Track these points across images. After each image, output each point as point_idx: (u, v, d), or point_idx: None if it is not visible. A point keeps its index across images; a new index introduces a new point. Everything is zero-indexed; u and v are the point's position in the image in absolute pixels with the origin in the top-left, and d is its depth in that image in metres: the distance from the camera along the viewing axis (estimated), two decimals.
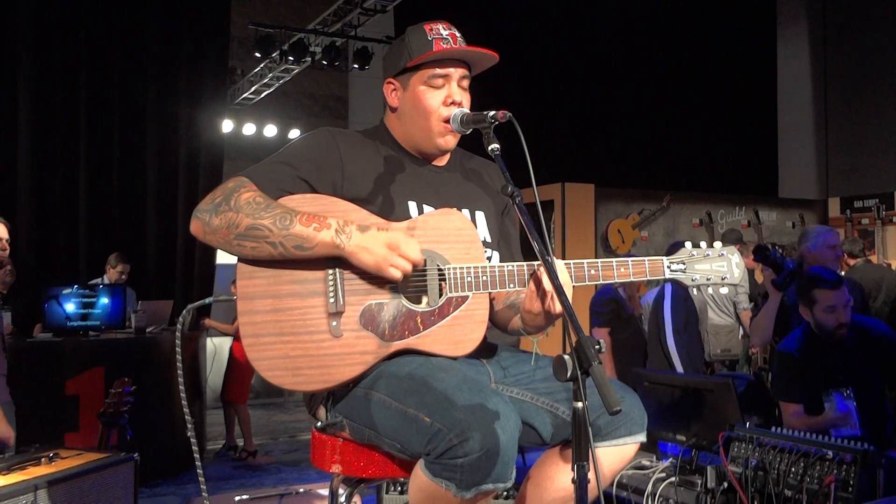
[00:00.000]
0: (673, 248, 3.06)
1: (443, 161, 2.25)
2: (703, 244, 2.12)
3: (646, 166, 11.30)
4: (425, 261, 1.98)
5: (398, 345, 1.97)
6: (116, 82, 8.19)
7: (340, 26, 9.59)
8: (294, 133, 11.60)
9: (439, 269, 2.00)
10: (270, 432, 8.51)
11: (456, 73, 2.12)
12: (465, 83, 2.15)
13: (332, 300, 1.95)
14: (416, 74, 2.12)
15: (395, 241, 1.90)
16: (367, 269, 1.92)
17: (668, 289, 5.54)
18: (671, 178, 11.04)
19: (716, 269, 2.10)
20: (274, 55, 9.77)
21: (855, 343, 3.85)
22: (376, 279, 1.97)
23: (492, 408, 1.72)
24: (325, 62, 9.83)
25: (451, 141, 2.15)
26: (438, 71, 2.10)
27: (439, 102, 2.11)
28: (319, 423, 2.12)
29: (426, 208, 2.11)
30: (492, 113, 1.95)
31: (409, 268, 1.92)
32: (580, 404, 1.55)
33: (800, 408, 3.82)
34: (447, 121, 2.11)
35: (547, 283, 1.89)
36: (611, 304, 6.07)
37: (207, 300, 2.52)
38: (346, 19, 9.48)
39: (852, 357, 3.82)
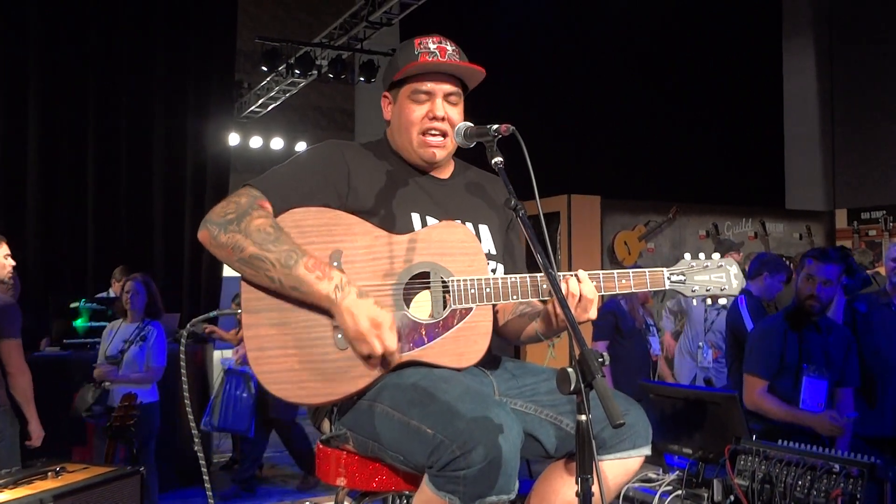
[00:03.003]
0: None
1: (446, 174, 2.26)
2: (701, 255, 2.14)
3: (652, 178, 11.29)
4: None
5: (403, 356, 1.97)
6: (124, 96, 8.23)
7: (346, 40, 9.65)
8: (301, 146, 11.64)
9: (443, 282, 2.01)
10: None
11: (440, 89, 2.13)
12: (454, 99, 2.15)
13: None
14: (403, 88, 2.15)
15: (379, 321, 1.88)
16: (344, 330, 1.91)
17: (744, 306, 5.43)
18: (678, 189, 11.03)
19: (714, 280, 2.12)
20: (280, 68, 9.83)
21: (828, 332, 4.17)
22: (381, 292, 1.97)
23: (494, 419, 1.72)
24: (331, 75, 9.89)
25: (433, 153, 2.16)
26: (420, 86, 2.12)
27: (420, 116, 2.13)
28: (324, 436, 2.12)
29: (430, 220, 2.12)
30: (495, 126, 1.96)
31: (377, 352, 1.89)
32: (584, 417, 1.56)
33: (764, 385, 4.07)
34: (425, 133, 2.13)
35: (575, 289, 1.93)
36: (607, 318, 6.04)
37: (212, 313, 2.51)
38: (352, 33, 9.53)
39: (825, 343, 4.11)
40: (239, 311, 1.99)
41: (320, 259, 1.93)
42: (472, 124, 2.11)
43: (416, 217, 2.11)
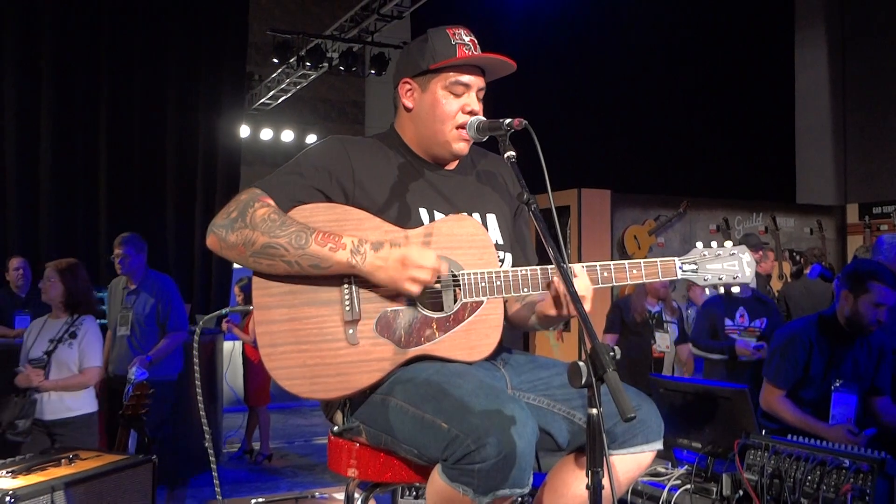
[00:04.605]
0: None
1: (453, 164, 2.24)
2: (713, 244, 2.11)
3: (662, 172, 11.27)
4: (448, 266, 1.99)
5: (414, 351, 1.98)
6: (136, 88, 8.27)
7: (357, 32, 9.64)
8: (311, 138, 11.65)
9: (454, 275, 2.01)
10: (286, 436, 8.53)
11: (476, 83, 2.12)
12: (482, 94, 2.15)
13: (347, 308, 1.96)
14: (437, 77, 2.11)
15: (408, 257, 1.91)
16: (384, 286, 1.95)
17: (701, 311, 5.46)
18: (688, 183, 11.00)
19: (727, 268, 2.09)
20: (291, 61, 9.83)
21: (862, 345, 3.92)
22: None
23: (509, 413, 1.73)
24: (342, 68, 9.88)
25: (464, 147, 2.15)
26: (460, 78, 2.10)
27: (457, 109, 2.10)
28: (336, 428, 2.13)
29: (437, 215, 2.11)
30: (508, 120, 1.95)
31: (427, 278, 1.92)
32: (594, 411, 1.56)
33: (782, 394, 3.88)
34: (461, 127, 2.11)
35: (564, 289, 1.91)
36: (614, 311, 6.03)
37: (223, 311, 2.54)
38: (362, 25, 9.52)
39: (855, 353, 3.88)
40: (250, 307, 2.00)
41: (327, 231, 1.94)
42: (484, 118, 2.10)
43: (423, 212, 2.11)
